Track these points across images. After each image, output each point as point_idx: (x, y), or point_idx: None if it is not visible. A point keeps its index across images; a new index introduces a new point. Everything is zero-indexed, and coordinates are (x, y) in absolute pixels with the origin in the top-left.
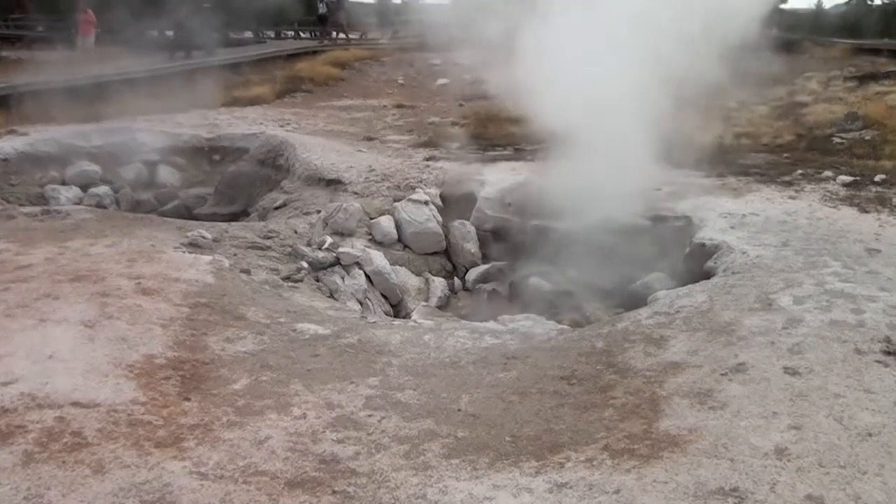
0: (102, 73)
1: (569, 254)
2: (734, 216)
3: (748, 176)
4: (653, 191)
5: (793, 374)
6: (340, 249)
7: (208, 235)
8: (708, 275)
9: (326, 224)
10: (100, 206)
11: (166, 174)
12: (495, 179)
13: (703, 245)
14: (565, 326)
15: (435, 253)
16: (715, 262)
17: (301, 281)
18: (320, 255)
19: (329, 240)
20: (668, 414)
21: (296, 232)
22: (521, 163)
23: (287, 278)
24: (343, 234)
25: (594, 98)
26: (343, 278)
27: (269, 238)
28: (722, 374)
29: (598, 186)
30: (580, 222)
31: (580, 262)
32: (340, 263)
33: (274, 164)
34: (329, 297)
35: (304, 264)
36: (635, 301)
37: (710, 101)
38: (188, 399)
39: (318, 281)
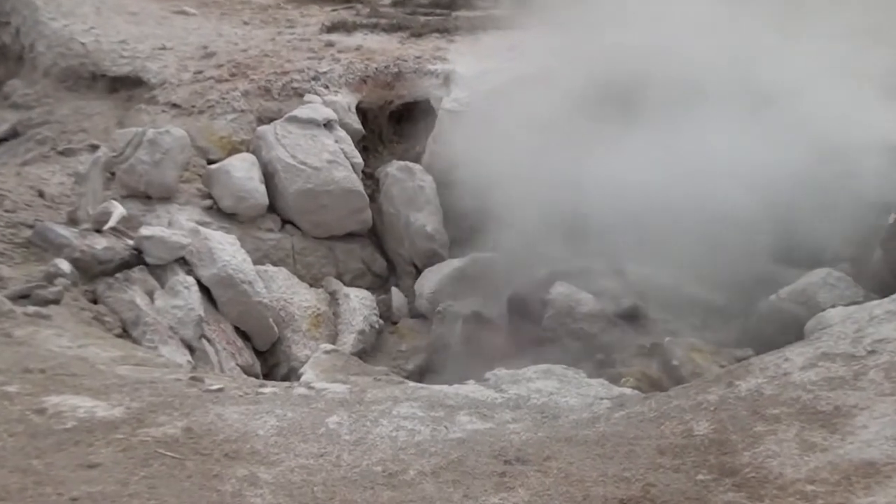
0: None
1: (634, 230)
2: None
3: None
4: (808, 87)
5: None
6: (144, 231)
7: None
8: None
9: (112, 175)
10: None
11: None
12: (474, 69)
13: None
14: (627, 390)
15: (350, 236)
16: None
17: (56, 302)
18: (99, 244)
19: (119, 210)
20: None
21: (41, 194)
22: (527, 32)
23: (24, 297)
24: (150, 195)
25: None
26: (151, 294)
27: None
28: None
29: (694, 73)
30: (655, 162)
31: (659, 248)
32: (145, 263)
33: None
34: (120, 334)
35: (63, 265)
36: (776, 329)
37: None
38: None
39: (94, 302)
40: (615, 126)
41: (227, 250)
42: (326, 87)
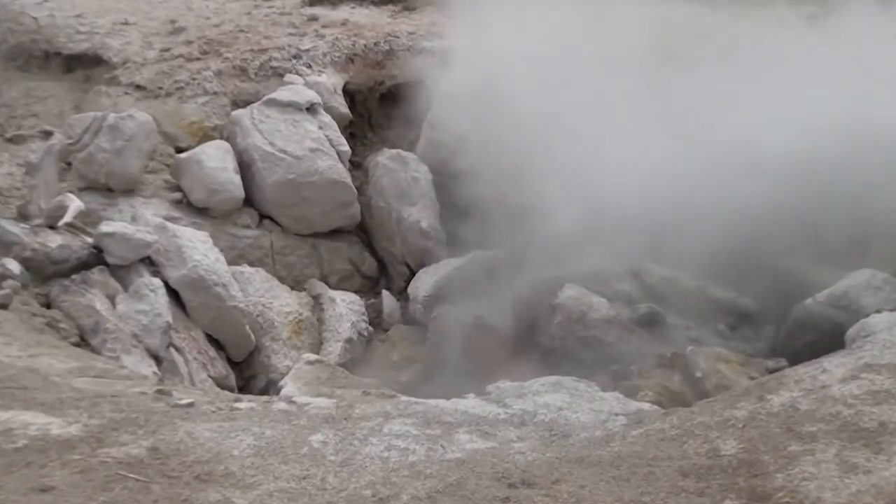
0: None
1: (652, 226)
2: None
3: None
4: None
5: None
6: (104, 227)
7: None
8: None
9: (68, 165)
10: None
11: None
12: (475, 47)
13: None
14: (646, 405)
15: (336, 233)
16: None
17: (4, 307)
18: (53, 241)
19: (76, 204)
20: None
21: None
22: (535, 4)
23: None
24: (111, 188)
25: None
26: (112, 298)
27: None
28: None
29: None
30: (675, 149)
31: (680, 246)
32: (106, 263)
33: None
34: (77, 342)
35: (12, 266)
36: (813, 337)
37: None
38: None
39: (48, 307)
40: (633, 109)
41: (199, 249)
42: (309, 67)
